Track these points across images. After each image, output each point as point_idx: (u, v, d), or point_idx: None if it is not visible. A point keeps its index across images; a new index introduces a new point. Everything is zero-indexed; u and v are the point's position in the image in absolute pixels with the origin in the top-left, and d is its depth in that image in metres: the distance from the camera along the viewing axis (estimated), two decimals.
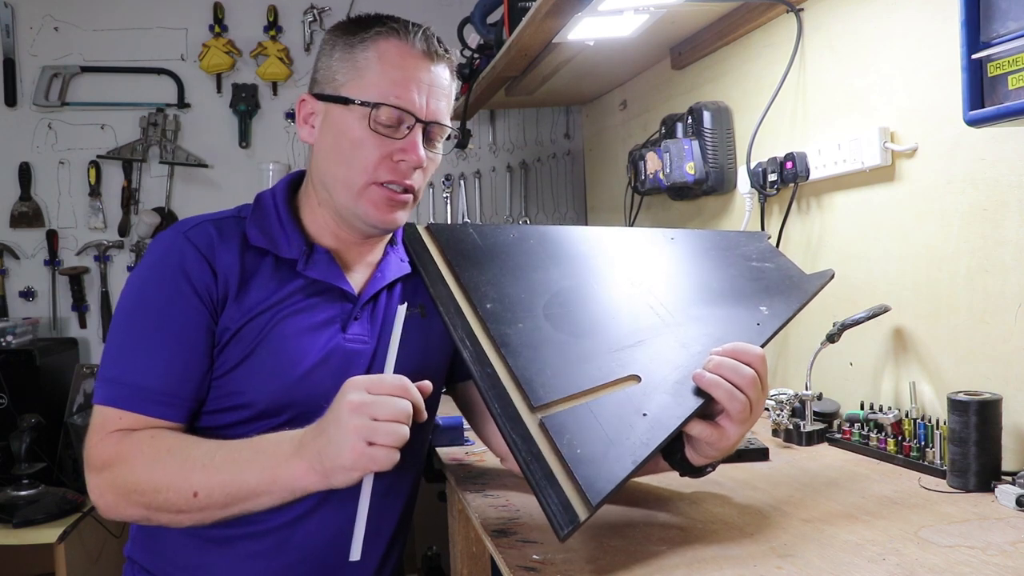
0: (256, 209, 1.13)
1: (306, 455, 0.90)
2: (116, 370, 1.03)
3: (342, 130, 1.07)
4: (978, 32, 0.89)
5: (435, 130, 1.10)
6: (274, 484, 0.92)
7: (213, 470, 0.94)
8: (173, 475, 0.95)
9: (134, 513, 0.98)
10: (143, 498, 0.96)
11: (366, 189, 1.07)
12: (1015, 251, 1.10)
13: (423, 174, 1.11)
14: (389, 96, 1.05)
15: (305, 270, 1.09)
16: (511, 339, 0.96)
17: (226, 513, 0.95)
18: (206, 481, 0.94)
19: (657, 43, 1.99)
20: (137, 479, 0.96)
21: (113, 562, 2.17)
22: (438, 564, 2.42)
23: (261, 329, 1.05)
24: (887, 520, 0.95)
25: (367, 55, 1.07)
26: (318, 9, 2.83)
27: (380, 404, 0.87)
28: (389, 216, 1.09)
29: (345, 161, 1.08)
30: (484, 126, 2.96)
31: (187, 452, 0.97)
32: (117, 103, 2.74)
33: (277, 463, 0.92)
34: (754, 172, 1.64)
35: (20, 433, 2.00)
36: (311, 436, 0.91)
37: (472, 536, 1.34)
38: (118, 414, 1.01)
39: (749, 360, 0.92)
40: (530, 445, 0.85)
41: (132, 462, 0.97)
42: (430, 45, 1.08)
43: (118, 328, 1.06)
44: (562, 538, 0.79)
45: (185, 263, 1.05)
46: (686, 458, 0.99)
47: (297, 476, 0.91)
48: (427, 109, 1.07)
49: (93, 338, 2.73)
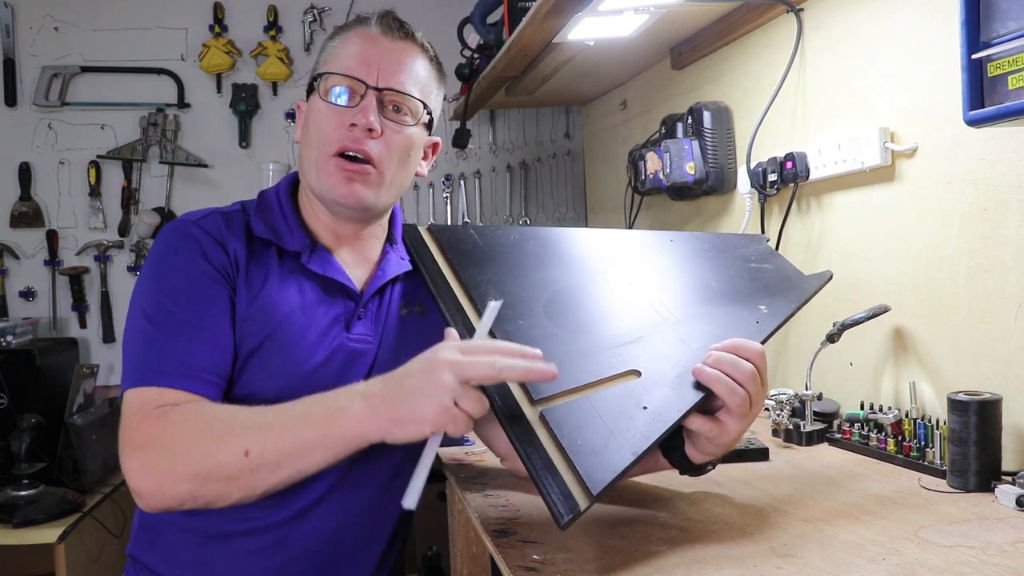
0: (260, 204, 1.15)
1: (371, 400, 0.87)
2: (146, 352, 1.01)
3: (310, 114, 1.13)
4: (978, 32, 0.89)
5: (395, 99, 1.10)
6: (328, 434, 0.89)
7: (264, 428, 0.91)
8: (222, 436, 0.92)
9: (179, 490, 0.92)
10: (191, 466, 0.92)
11: (327, 163, 1.09)
12: (1015, 251, 1.10)
13: (385, 145, 1.09)
14: (341, 69, 1.09)
15: (309, 263, 1.10)
16: (512, 335, 0.97)
17: (278, 476, 0.91)
18: (257, 439, 0.90)
19: (657, 43, 1.99)
20: (185, 446, 0.93)
21: (113, 562, 2.17)
22: (438, 564, 2.42)
23: (268, 322, 1.06)
24: (887, 520, 0.95)
25: (334, 44, 1.13)
26: (318, 9, 2.83)
27: (476, 367, 0.84)
28: (348, 188, 1.08)
29: (309, 141, 1.12)
30: (484, 126, 2.96)
31: (235, 414, 0.95)
32: (117, 103, 2.74)
33: (332, 412, 0.89)
34: (754, 172, 1.64)
35: (20, 433, 2.00)
36: (379, 385, 0.88)
37: (472, 536, 1.34)
38: (157, 392, 0.98)
39: (749, 355, 0.93)
40: (530, 436, 0.85)
41: (180, 428, 0.94)
42: (386, 24, 1.12)
43: (141, 314, 1.04)
44: (563, 526, 0.79)
45: (200, 244, 1.07)
46: (686, 456, 0.99)
47: (355, 421, 0.87)
48: (379, 77, 1.09)
49: (93, 338, 2.73)
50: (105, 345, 2.73)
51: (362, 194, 1.09)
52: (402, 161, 1.12)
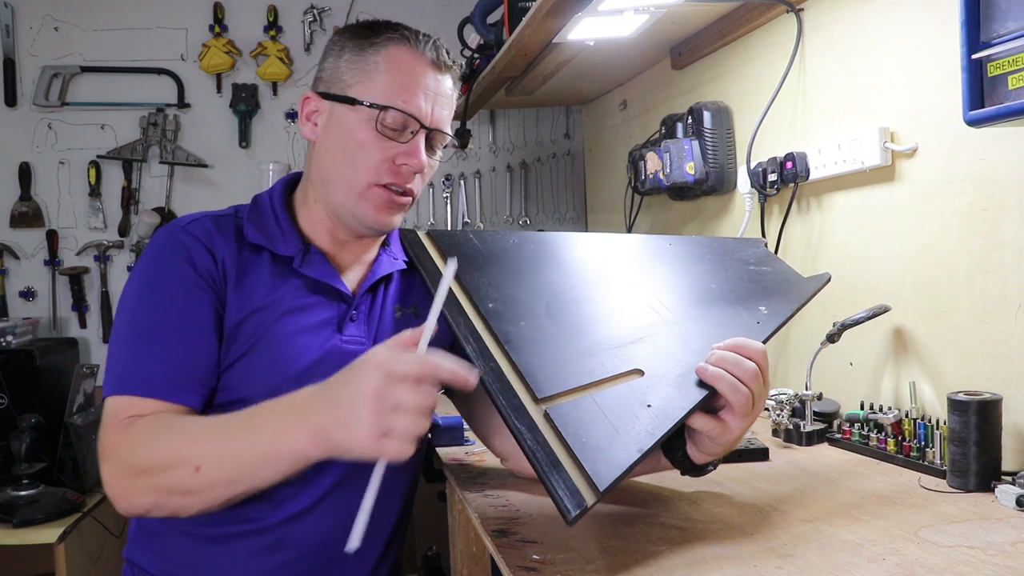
0: (253, 209, 1.15)
1: (309, 426, 0.85)
2: (126, 360, 1.02)
3: (347, 130, 1.09)
4: (978, 32, 0.89)
5: (437, 137, 1.12)
6: (275, 454, 0.87)
7: (213, 442, 0.91)
8: (175, 450, 0.92)
9: (144, 500, 0.94)
10: (150, 479, 0.92)
11: (368, 190, 1.09)
12: (1015, 251, 1.10)
13: (422, 179, 1.13)
14: (397, 100, 1.07)
15: (301, 267, 1.10)
16: (513, 336, 0.97)
17: (233, 491, 0.91)
18: (207, 454, 0.90)
19: (657, 43, 1.99)
20: (142, 458, 0.93)
21: (113, 562, 2.17)
22: (438, 564, 2.42)
23: (259, 326, 1.06)
24: (887, 520, 0.95)
25: (377, 59, 1.09)
26: (318, 9, 2.83)
27: (402, 394, 0.79)
28: (387, 218, 1.11)
29: (349, 161, 1.09)
30: (484, 126, 2.96)
31: (187, 426, 0.95)
32: (117, 103, 2.74)
33: (277, 434, 0.87)
34: (754, 172, 1.64)
35: (20, 433, 2.00)
36: (316, 406, 0.85)
37: (472, 536, 1.34)
38: (130, 401, 0.99)
39: (751, 354, 0.93)
40: (535, 434, 0.85)
41: (137, 441, 0.95)
42: (439, 55, 1.11)
43: (125, 319, 1.06)
44: (570, 522, 0.79)
45: (188, 251, 1.06)
46: (688, 456, 0.99)
47: (298, 447, 0.86)
48: (432, 116, 1.09)
49: (93, 338, 2.73)
50: (105, 345, 2.73)
51: (396, 222, 1.14)
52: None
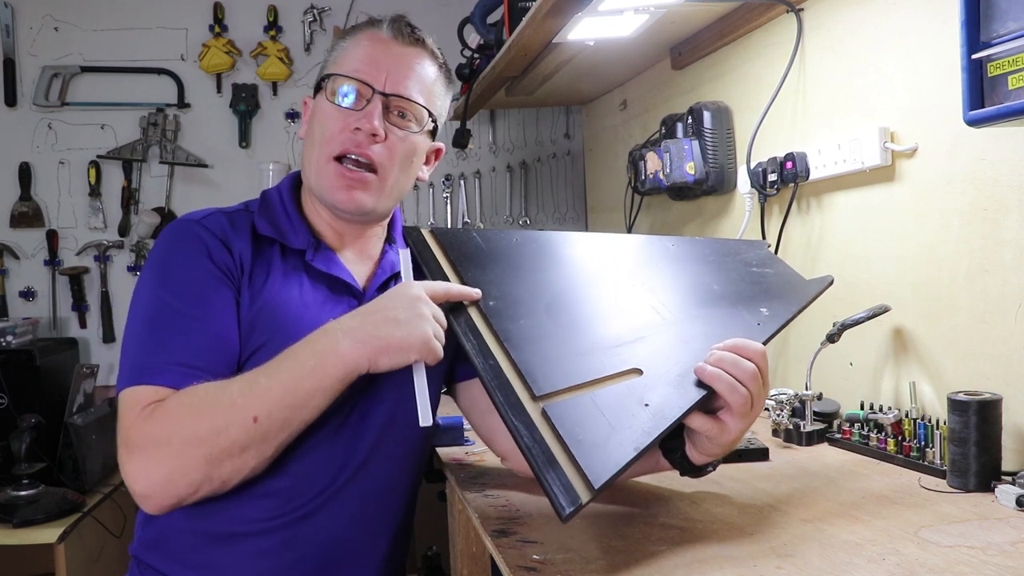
0: (263, 204, 1.16)
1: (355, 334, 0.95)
2: (145, 350, 1.01)
3: (315, 114, 1.13)
4: (978, 32, 0.89)
5: (401, 105, 1.11)
6: (324, 376, 0.94)
7: (263, 391, 0.94)
8: (226, 410, 0.93)
9: (193, 478, 0.93)
10: (202, 448, 0.92)
11: (326, 165, 1.10)
12: (1015, 251, 1.10)
13: (387, 151, 1.10)
14: (347, 70, 1.10)
15: (313, 260, 1.11)
16: (513, 334, 0.97)
17: (287, 432, 0.96)
18: (261, 404, 0.93)
19: (657, 43, 1.99)
20: (190, 431, 0.92)
21: (113, 562, 2.16)
22: (438, 564, 2.42)
23: (272, 319, 1.06)
24: (887, 520, 0.95)
25: (344, 45, 1.14)
26: (318, 9, 2.83)
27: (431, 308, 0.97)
28: (348, 195, 1.10)
29: (312, 140, 1.13)
30: (484, 126, 2.96)
31: (227, 388, 0.95)
32: (117, 103, 2.74)
33: (322, 356, 0.94)
34: (754, 172, 1.64)
35: (20, 433, 1.99)
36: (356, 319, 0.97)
37: (472, 536, 1.34)
38: (153, 390, 0.97)
39: (750, 355, 0.93)
40: (532, 431, 0.86)
41: (179, 417, 0.94)
42: (397, 28, 1.13)
43: (142, 311, 1.04)
44: (564, 519, 0.79)
45: (205, 244, 1.07)
46: (687, 457, 0.99)
47: (345, 358, 0.94)
48: (386, 82, 1.10)
49: (93, 338, 2.73)
50: (105, 345, 2.73)
51: (361, 200, 1.11)
52: (404, 167, 1.13)
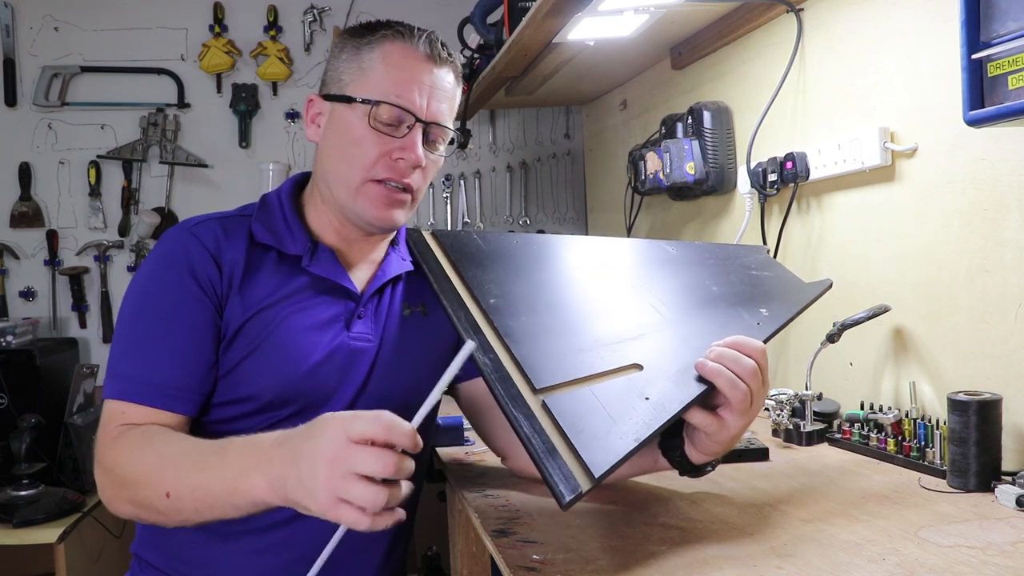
0: (262, 208, 1.16)
1: (270, 475, 0.82)
2: (123, 365, 1.04)
3: (344, 128, 1.10)
4: (978, 32, 0.89)
5: (436, 131, 1.11)
6: (235, 495, 0.86)
7: (184, 471, 0.90)
8: (150, 472, 0.93)
9: (126, 510, 0.97)
10: (127, 492, 0.95)
11: (363, 186, 1.09)
12: (1015, 251, 1.10)
13: (422, 175, 1.12)
14: (390, 95, 1.07)
15: (309, 266, 1.11)
16: (514, 330, 0.97)
17: (200, 519, 0.91)
18: (176, 482, 0.90)
19: (657, 43, 1.99)
20: (123, 471, 0.95)
21: (113, 562, 2.16)
22: (438, 564, 2.42)
23: (266, 325, 1.07)
24: (887, 520, 0.95)
25: (372, 56, 1.10)
26: (318, 9, 2.82)
27: (359, 459, 0.75)
28: (386, 214, 1.10)
29: (345, 158, 1.10)
30: (484, 126, 2.96)
31: (167, 448, 0.95)
32: (117, 103, 2.73)
33: (239, 475, 0.85)
34: (754, 172, 1.64)
35: (20, 433, 2.00)
36: (279, 457, 0.82)
37: (472, 536, 1.34)
38: (123, 407, 1.01)
39: (750, 352, 0.93)
40: (532, 422, 0.86)
41: (122, 455, 0.96)
42: (433, 48, 1.10)
43: (124, 324, 1.07)
44: (564, 506, 0.79)
45: (190, 259, 1.07)
46: (686, 456, 0.99)
47: (257, 494, 0.84)
48: (427, 110, 1.09)
49: (93, 338, 2.73)
50: (105, 345, 2.73)
51: (397, 218, 1.12)
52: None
